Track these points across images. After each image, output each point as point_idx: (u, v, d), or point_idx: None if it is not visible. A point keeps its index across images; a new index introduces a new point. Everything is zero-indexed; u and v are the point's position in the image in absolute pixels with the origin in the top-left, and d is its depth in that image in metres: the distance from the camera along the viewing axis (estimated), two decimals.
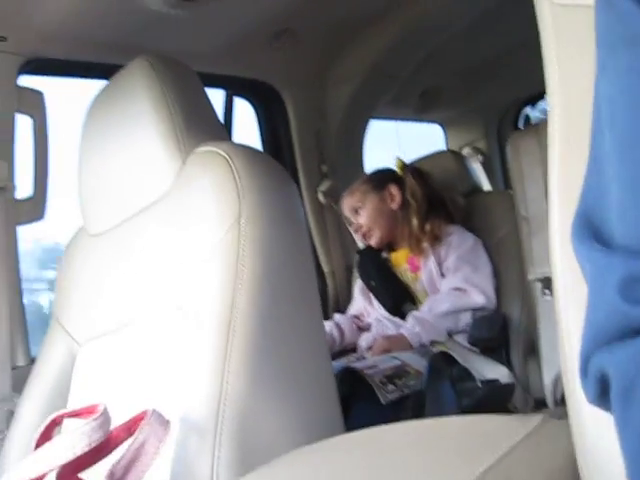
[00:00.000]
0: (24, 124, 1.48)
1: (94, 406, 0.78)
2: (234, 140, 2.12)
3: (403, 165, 2.03)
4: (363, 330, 1.96)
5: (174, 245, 1.01)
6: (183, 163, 1.03)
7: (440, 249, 1.87)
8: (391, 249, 1.98)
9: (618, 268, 0.36)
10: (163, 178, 1.04)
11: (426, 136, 3.03)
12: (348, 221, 2.05)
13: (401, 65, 2.22)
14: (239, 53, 1.85)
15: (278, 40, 1.86)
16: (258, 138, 2.22)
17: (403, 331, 1.75)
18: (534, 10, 0.56)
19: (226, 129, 2.12)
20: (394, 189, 1.95)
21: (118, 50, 1.52)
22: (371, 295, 1.97)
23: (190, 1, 1.41)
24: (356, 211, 1.97)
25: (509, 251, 1.89)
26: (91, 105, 1.17)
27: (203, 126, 1.08)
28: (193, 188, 1.00)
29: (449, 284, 1.82)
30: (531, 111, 3.07)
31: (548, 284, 1.68)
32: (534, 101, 3.02)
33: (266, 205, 0.95)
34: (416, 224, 1.89)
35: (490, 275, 1.84)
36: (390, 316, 1.87)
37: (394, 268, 1.95)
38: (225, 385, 0.84)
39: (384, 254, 1.99)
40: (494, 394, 1.63)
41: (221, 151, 0.98)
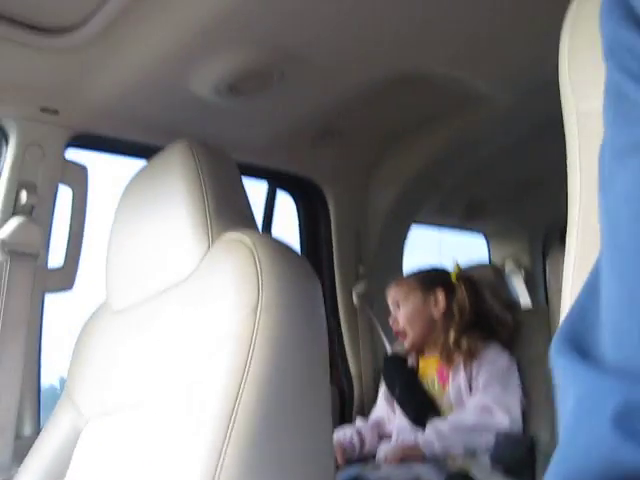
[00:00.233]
0: (64, 194, 1.52)
1: None
2: (274, 232, 2.15)
3: (459, 273, 1.95)
4: (384, 437, 1.88)
5: (189, 329, 0.99)
6: (209, 248, 1.02)
7: (472, 364, 1.80)
8: (421, 353, 1.92)
9: (615, 393, 0.32)
10: (188, 261, 1.04)
11: (468, 245, 3.01)
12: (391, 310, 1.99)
13: (446, 174, 2.23)
14: (284, 148, 1.88)
15: (323, 138, 1.89)
16: (297, 232, 2.23)
17: (419, 439, 1.69)
18: None
19: (267, 221, 2.14)
20: (441, 295, 1.87)
21: (163, 132, 1.56)
22: (395, 403, 1.90)
23: (238, 93, 1.45)
24: (397, 304, 1.90)
25: (539, 371, 1.81)
26: (128, 184, 1.19)
27: (233, 214, 1.08)
28: (215, 274, 0.99)
29: (476, 401, 1.75)
30: None
31: None
32: None
33: (285, 299, 0.93)
34: (453, 338, 1.82)
35: (519, 397, 1.76)
36: (412, 426, 1.80)
37: (421, 377, 1.89)
38: None
39: (411, 361, 1.93)
40: None
41: (246, 239, 0.98)
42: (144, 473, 0.94)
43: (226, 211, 1.07)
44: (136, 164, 1.22)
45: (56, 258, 1.50)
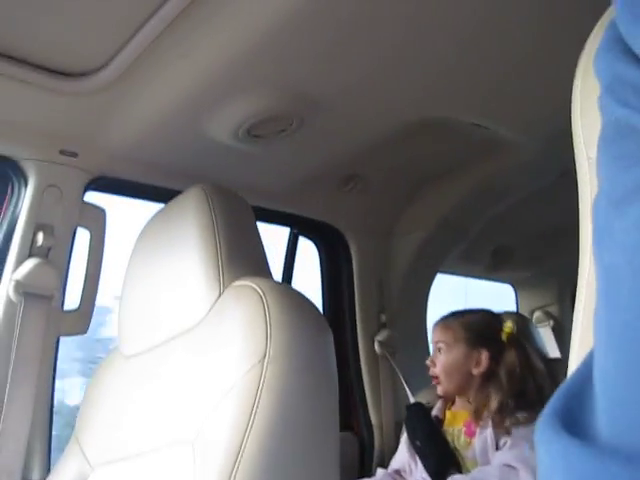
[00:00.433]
0: (81, 236, 1.52)
1: None
2: (294, 278, 2.13)
3: (511, 334, 1.80)
4: None
5: (195, 378, 0.97)
6: (219, 295, 1.01)
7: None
8: (451, 403, 1.85)
9: (619, 477, 0.28)
10: (199, 307, 1.02)
11: (495, 295, 2.95)
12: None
13: (470, 221, 2.20)
14: (305, 193, 1.87)
15: (346, 185, 1.88)
16: (319, 278, 2.20)
17: None
18: None
19: (288, 266, 2.12)
20: (485, 356, 1.75)
21: (181, 176, 1.56)
22: (416, 455, 1.83)
23: (257, 138, 1.45)
24: (439, 349, 1.81)
25: None
26: (143, 227, 1.19)
27: (246, 260, 1.07)
28: (224, 321, 0.98)
29: (501, 459, 1.67)
30: None
31: None
32: None
33: (293, 348, 0.91)
34: (497, 404, 1.68)
35: None
36: None
37: (446, 427, 1.82)
38: None
39: (436, 410, 1.86)
40: None
41: (256, 286, 0.96)
42: None
43: (238, 257, 1.05)
44: (156, 207, 1.21)
45: (72, 299, 1.49)
